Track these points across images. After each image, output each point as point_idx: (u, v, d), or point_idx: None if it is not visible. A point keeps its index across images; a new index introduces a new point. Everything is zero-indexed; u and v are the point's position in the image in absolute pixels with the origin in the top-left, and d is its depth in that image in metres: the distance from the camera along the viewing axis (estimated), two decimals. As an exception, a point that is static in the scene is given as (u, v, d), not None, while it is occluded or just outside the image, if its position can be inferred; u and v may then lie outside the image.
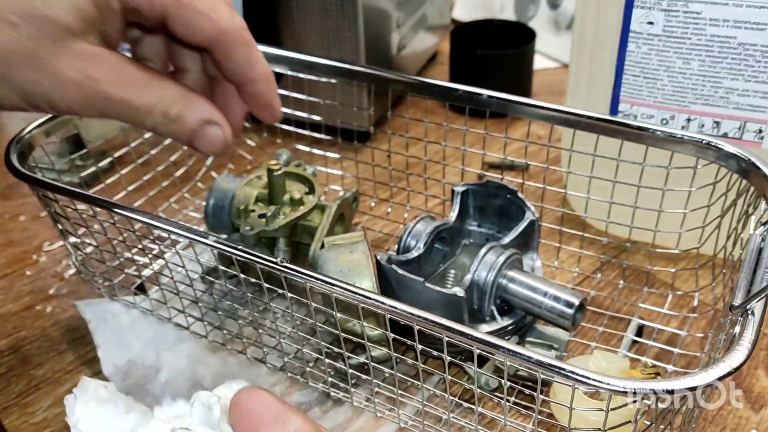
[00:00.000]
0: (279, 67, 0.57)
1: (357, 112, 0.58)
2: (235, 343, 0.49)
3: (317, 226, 0.50)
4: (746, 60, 0.49)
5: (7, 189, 0.67)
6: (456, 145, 0.55)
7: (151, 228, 0.43)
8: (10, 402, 0.46)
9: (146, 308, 0.51)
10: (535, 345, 0.48)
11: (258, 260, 0.39)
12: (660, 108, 0.53)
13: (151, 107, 0.37)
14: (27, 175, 0.45)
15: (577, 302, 0.45)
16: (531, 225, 0.50)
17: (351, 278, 0.44)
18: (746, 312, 0.34)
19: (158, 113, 0.37)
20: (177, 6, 0.37)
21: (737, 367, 0.31)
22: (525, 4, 0.93)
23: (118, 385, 0.47)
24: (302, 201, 0.50)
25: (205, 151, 0.40)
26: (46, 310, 0.54)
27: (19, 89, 0.35)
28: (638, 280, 0.54)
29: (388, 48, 0.71)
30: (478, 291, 0.46)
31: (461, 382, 0.42)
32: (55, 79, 0.35)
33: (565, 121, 0.49)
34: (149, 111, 0.37)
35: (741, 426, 0.44)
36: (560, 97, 0.75)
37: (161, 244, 0.46)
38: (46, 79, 0.35)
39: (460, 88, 0.52)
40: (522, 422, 0.43)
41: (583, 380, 0.32)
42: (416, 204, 0.61)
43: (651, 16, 0.50)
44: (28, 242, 0.60)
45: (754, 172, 0.43)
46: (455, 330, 0.34)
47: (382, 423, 0.44)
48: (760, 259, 0.37)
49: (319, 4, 0.64)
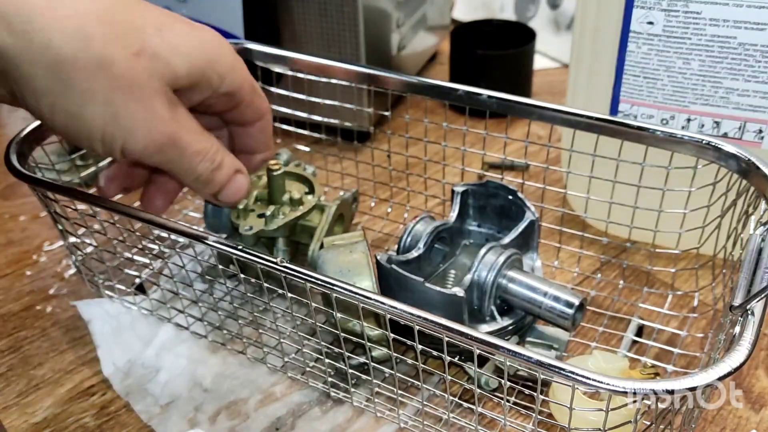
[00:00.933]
0: (279, 67, 0.57)
1: (357, 112, 0.58)
2: (235, 343, 0.49)
3: (317, 226, 0.50)
4: (746, 60, 0.49)
5: (7, 189, 0.67)
6: (456, 145, 0.55)
7: (151, 228, 0.43)
8: (10, 402, 0.46)
9: (146, 308, 0.51)
10: (535, 345, 0.48)
11: (258, 260, 0.39)
12: (660, 108, 0.53)
13: (204, 153, 0.41)
14: (27, 175, 0.45)
15: (577, 302, 0.45)
16: (531, 225, 0.50)
17: (350, 278, 0.44)
18: (746, 312, 0.34)
19: (208, 159, 0.41)
20: (251, 93, 0.44)
21: (737, 367, 0.31)
22: (525, 4, 0.93)
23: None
24: (302, 201, 0.50)
25: (230, 199, 0.44)
26: (46, 310, 0.54)
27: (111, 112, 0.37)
28: (638, 280, 0.54)
29: (388, 48, 0.71)
30: (478, 291, 0.46)
31: (461, 382, 0.42)
32: (149, 111, 0.38)
33: (565, 121, 0.49)
34: (203, 157, 0.41)
35: (741, 426, 0.44)
36: (560, 97, 0.75)
37: (161, 244, 0.46)
38: (142, 110, 0.37)
39: (460, 88, 0.52)
40: (522, 422, 0.43)
41: (582, 380, 0.32)
42: (416, 204, 0.61)
43: (651, 16, 0.50)
44: (28, 242, 0.60)
45: (754, 172, 0.43)
46: (455, 330, 0.34)
47: (382, 423, 0.44)
48: (760, 259, 0.37)
49: (319, 4, 0.64)
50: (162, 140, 0.39)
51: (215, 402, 0.46)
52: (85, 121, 0.37)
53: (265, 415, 0.45)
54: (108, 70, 0.36)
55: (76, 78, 0.36)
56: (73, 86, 0.36)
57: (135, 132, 0.38)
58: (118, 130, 0.37)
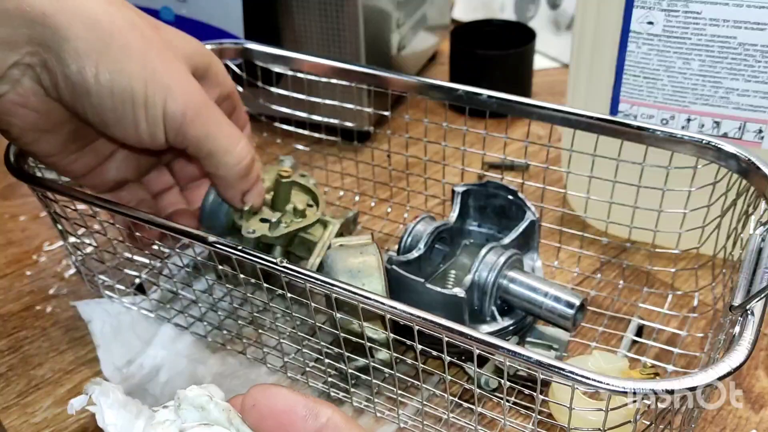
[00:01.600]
0: (279, 67, 0.57)
1: (357, 112, 0.58)
2: (235, 343, 0.49)
3: (316, 240, 0.50)
4: (746, 60, 0.49)
5: (7, 189, 0.67)
6: (456, 145, 0.55)
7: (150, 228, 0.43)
8: (10, 402, 0.46)
9: (146, 308, 0.51)
10: (535, 345, 0.48)
11: (258, 260, 0.39)
12: (660, 108, 0.53)
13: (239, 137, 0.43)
14: (27, 175, 0.45)
15: (578, 302, 0.45)
16: (531, 225, 0.50)
17: (360, 279, 0.43)
18: (746, 312, 0.34)
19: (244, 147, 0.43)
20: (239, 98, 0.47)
21: (737, 367, 0.31)
22: (525, 4, 0.93)
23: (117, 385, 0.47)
24: (305, 213, 0.50)
25: (257, 200, 0.46)
26: (46, 310, 0.54)
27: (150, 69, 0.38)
28: (638, 280, 0.54)
29: (388, 48, 0.71)
30: (479, 291, 0.46)
31: (461, 382, 0.42)
32: (183, 72, 0.40)
33: (565, 121, 0.49)
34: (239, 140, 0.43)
35: (741, 426, 0.44)
36: (560, 97, 0.75)
37: (161, 244, 0.46)
38: (176, 70, 0.39)
39: (460, 88, 0.52)
40: (522, 422, 0.43)
41: (582, 380, 0.32)
42: (416, 204, 0.61)
43: (651, 16, 0.50)
44: (28, 242, 0.60)
45: (754, 172, 0.43)
46: (455, 330, 0.34)
47: (382, 423, 0.44)
48: (760, 259, 0.37)
49: (319, 4, 0.64)
50: (199, 102, 0.39)
51: (215, 402, 0.46)
52: (127, 77, 0.38)
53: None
54: (139, 30, 0.38)
55: (114, 34, 0.37)
56: (111, 43, 0.37)
57: (174, 90, 0.39)
58: (159, 87, 0.38)
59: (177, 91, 0.39)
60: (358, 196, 0.63)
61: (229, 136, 0.42)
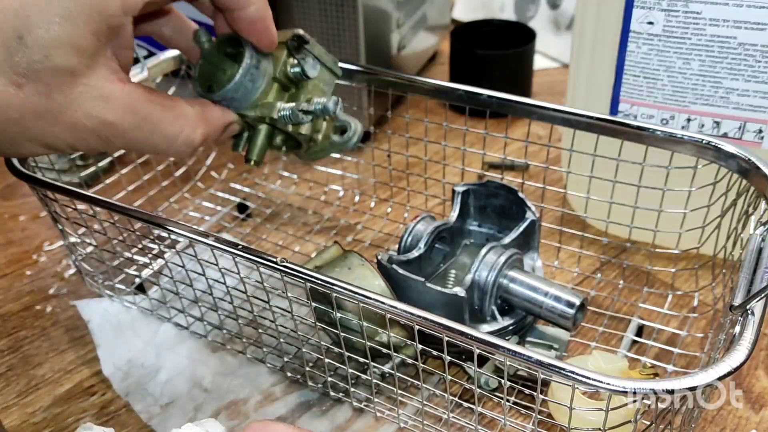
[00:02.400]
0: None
1: (357, 112, 0.58)
2: (235, 343, 0.49)
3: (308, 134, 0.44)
4: (746, 60, 0.49)
5: (7, 189, 0.67)
6: (456, 145, 0.55)
7: (151, 228, 0.43)
8: (10, 402, 0.46)
9: (146, 308, 0.51)
10: (536, 345, 0.48)
11: (258, 261, 0.39)
12: (660, 108, 0.53)
13: (172, 139, 0.37)
14: (27, 175, 0.45)
15: (578, 302, 0.45)
16: (531, 225, 0.50)
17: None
18: (746, 312, 0.34)
19: (180, 143, 0.38)
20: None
21: (737, 367, 0.31)
22: (525, 4, 0.93)
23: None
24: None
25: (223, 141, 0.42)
26: (46, 310, 0.54)
27: (41, 142, 0.35)
28: (638, 280, 0.54)
29: (388, 48, 0.71)
30: (479, 291, 0.46)
31: (461, 382, 0.42)
32: (72, 130, 0.34)
33: (565, 121, 0.49)
34: (170, 144, 0.37)
35: (741, 426, 0.44)
36: (560, 97, 0.75)
37: (161, 244, 0.46)
38: (63, 131, 0.34)
39: (460, 88, 0.52)
40: (522, 422, 0.43)
41: (582, 380, 0.32)
42: (416, 204, 0.61)
43: (651, 16, 0.50)
44: (28, 242, 0.60)
45: (754, 172, 0.43)
46: (455, 330, 0.34)
47: (382, 423, 0.44)
48: (760, 259, 0.37)
49: (319, 4, 0.64)
50: (105, 145, 0.36)
51: (215, 402, 0.46)
52: (33, 154, 0.36)
53: (264, 414, 0.45)
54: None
55: None
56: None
57: (75, 146, 0.36)
58: (63, 147, 0.36)
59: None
60: (358, 196, 0.63)
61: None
